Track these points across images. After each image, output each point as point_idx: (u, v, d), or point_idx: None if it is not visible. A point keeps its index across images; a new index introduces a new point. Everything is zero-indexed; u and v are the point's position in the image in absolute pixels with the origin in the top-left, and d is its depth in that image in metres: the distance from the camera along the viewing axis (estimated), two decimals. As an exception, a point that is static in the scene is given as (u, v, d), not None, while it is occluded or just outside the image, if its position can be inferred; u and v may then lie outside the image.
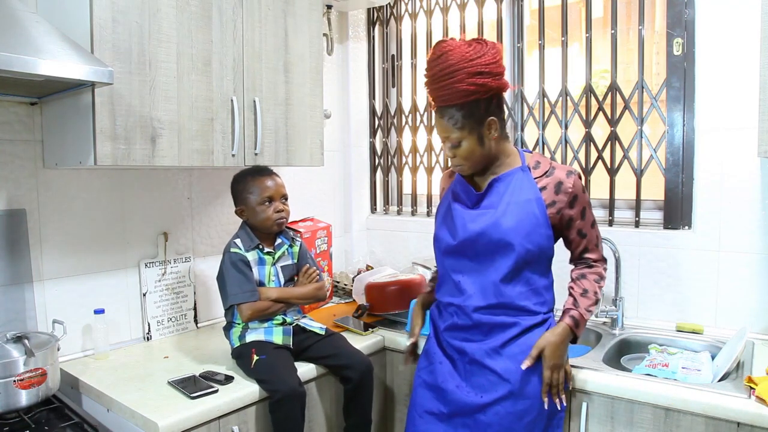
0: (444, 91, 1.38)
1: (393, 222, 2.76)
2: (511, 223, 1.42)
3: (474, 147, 1.42)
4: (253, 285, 1.66)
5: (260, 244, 1.71)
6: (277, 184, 1.72)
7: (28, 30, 1.29)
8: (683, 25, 1.94)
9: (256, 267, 1.70)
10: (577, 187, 1.46)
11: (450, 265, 1.53)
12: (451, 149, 1.44)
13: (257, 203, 1.69)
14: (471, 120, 1.39)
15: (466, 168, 1.47)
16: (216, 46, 1.72)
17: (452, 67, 1.35)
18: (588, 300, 1.47)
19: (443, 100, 1.39)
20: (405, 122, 2.73)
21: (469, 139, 1.41)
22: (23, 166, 1.65)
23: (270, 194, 1.69)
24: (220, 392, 1.49)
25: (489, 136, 1.42)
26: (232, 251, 1.68)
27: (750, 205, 1.85)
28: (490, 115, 1.41)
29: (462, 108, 1.38)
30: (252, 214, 1.70)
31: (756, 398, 1.35)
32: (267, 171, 1.75)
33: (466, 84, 1.35)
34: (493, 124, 1.41)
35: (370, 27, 2.82)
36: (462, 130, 1.40)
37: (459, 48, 1.37)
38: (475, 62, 1.35)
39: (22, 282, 1.65)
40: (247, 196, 1.70)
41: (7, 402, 1.34)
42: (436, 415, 1.49)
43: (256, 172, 1.73)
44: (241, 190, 1.72)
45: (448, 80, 1.36)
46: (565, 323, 1.44)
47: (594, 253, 1.54)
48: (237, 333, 1.69)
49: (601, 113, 2.13)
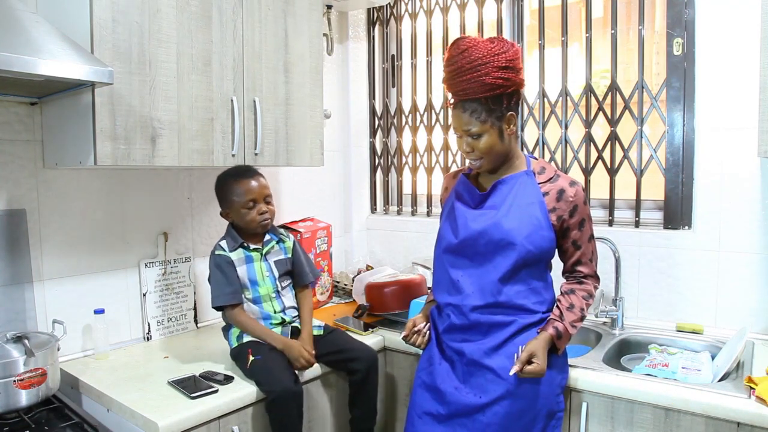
0: (469, 84, 1.40)
1: (393, 222, 2.76)
2: (513, 224, 1.43)
3: (495, 141, 1.44)
4: (235, 287, 1.66)
5: (245, 242, 1.70)
6: (260, 185, 1.70)
7: (28, 30, 1.29)
8: (683, 25, 1.94)
9: (244, 265, 1.69)
10: (578, 198, 1.46)
11: (450, 263, 1.53)
12: (470, 144, 1.45)
13: (241, 206, 1.67)
14: (493, 114, 1.42)
15: (485, 163, 1.48)
16: (216, 46, 1.72)
17: (478, 60, 1.38)
18: (573, 315, 1.47)
19: (466, 94, 1.41)
20: (405, 122, 2.73)
21: (490, 132, 1.43)
22: (23, 166, 1.65)
23: (253, 196, 1.68)
24: (220, 392, 1.49)
25: (508, 131, 1.45)
26: (216, 253, 1.69)
27: (750, 205, 1.85)
28: (510, 110, 1.44)
29: (486, 102, 1.40)
30: (237, 216, 1.70)
31: (756, 398, 1.35)
32: (249, 172, 1.72)
33: (493, 78, 1.38)
34: (513, 118, 1.45)
35: (370, 27, 2.82)
36: (484, 124, 1.42)
37: (483, 43, 1.40)
38: (500, 57, 1.38)
39: (22, 282, 1.65)
40: (231, 199, 1.69)
41: (7, 402, 1.34)
42: (434, 416, 1.49)
43: (238, 173, 1.71)
44: (225, 192, 1.71)
45: (473, 74, 1.38)
46: (548, 333, 1.43)
47: (586, 267, 1.53)
48: (235, 333, 1.69)
49: (601, 113, 2.13)
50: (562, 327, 1.44)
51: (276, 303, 1.72)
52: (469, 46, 1.40)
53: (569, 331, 1.45)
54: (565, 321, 1.45)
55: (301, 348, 1.62)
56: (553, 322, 1.45)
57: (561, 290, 1.53)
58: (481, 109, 1.41)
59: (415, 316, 1.66)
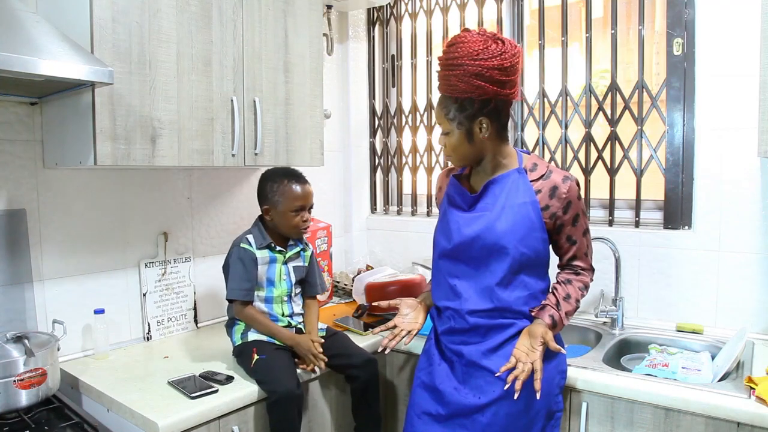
0: (444, 81, 1.39)
1: (393, 222, 2.76)
2: (506, 227, 1.41)
3: (461, 141, 1.42)
4: (252, 284, 1.66)
5: (272, 243, 1.71)
6: (309, 193, 1.71)
7: (28, 30, 1.29)
8: (683, 25, 1.94)
9: (266, 265, 1.70)
10: (572, 194, 1.43)
11: (446, 268, 1.52)
12: (441, 139, 1.47)
13: (288, 209, 1.68)
14: (462, 115, 1.39)
15: (453, 160, 1.48)
16: (216, 46, 1.72)
17: (456, 60, 1.34)
18: (569, 305, 1.46)
19: (443, 88, 1.41)
20: (405, 122, 2.73)
21: (455, 132, 1.42)
22: (23, 166, 1.65)
23: (303, 203, 1.69)
24: (220, 392, 1.49)
25: (479, 135, 1.41)
26: (241, 246, 1.68)
27: (750, 205, 1.85)
28: (483, 116, 1.38)
29: (456, 101, 1.38)
30: (279, 217, 1.69)
31: (756, 398, 1.35)
32: (303, 178, 1.73)
33: (463, 82, 1.34)
34: (485, 123, 1.39)
35: (370, 27, 2.82)
36: (452, 122, 1.41)
37: (471, 43, 1.33)
38: (478, 62, 1.31)
39: (22, 282, 1.65)
40: (278, 199, 1.68)
41: (7, 402, 1.34)
42: (433, 416, 1.49)
43: (293, 176, 1.71)
44: (273, 191, 1.69)
45: (449, 71, 1.36)
46: (544, 321, 1.41)
47: (583, 261, 1.52)
48: (239, 331, 1.69)
49: (601, 113, 2.13)
50: (558, 316, 1.42)
51: (286, 306, 1.73)
52: (457, 42, 1.36)
53: (564, 321, 1.44)
54: (561, 310, 1.43)
55: (309, 342, 1.62)
56: (549, 310, 1.43)
57: (557, 279, 1.52)
58: (451, 106, 1.39)
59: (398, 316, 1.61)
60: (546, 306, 1.44)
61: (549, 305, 1.44)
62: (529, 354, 1.37)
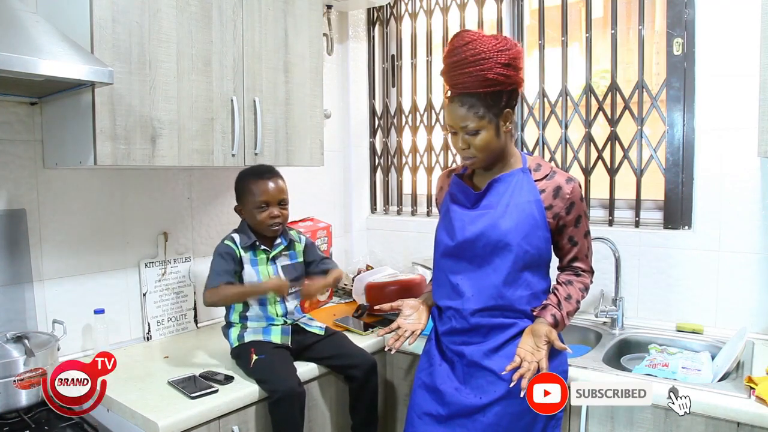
0: (469, 78, 1.37)
1: (393, 222, 2.76)
2: (510, 225, 1.42)
3: (491, 138, 1.41)
4: (229, 277, 1.64)
5: (257, 242, 1.70)
6: (277, 187, 1.69)
7: (28, 30, 1.29)
8: (683, 25, 1.94)
9: (249, 265, 1.69)
10: (575, 195, 1.45)
11: (448, 267, 1.52)
12: (466, 140, 1.42)
13: (253, 206, 1.68)
14: (491, 110, 1.39)
15: (479, 161, 1.46)
16: (216, 46, 1.72)
17: (481, 54, 1.35)
18: (570, 306, 1.46)
19: (465, 87, 1.38)
20: (405, 122, 2.73)
21: (487, 129, 1.40)
22: (23, 166, 1.65)
23: (266, 199, 1.67)
24: (220, 392, 1.49)
25: (504, 129, 1.43)
26: (224, 242, 1.69)
27: (750, 205, 1.85)
28: (508, 108, 1.42)
29: (484, 97, 1.38)
30: (248, 215, 1.71)
31: (756, 398, 1.35)
32: (269, 173, 1.71)
33: (495, 73, 1.35)
34: (510, 116, 1.42)
35: (370, 27, 2.82)
36: (482, 120, 1.39)
37: (487, 38, 1.37)
38: (504, 53, 1.36)
39: (22, 282, 1.64)
40: (246, 197, 1.69)
41: (7, 402, 1.34)
42: (434, 416, 1.49)
43: (257, 173, 1.71)
44: (241, 189, 1.72)
45: (475, 67, 1.35)
46: (546, 321, 1.42)
47: (583, 262, 1.52)
48: (236, 333, 1.69)
49: (601, 113, 2.13)
50: (560, 316, 1.43)
51: (279, 307, 1.72)
52: (473, 39, 1.37)
53: (565, 321, 1.44)
54: (563, 310, 1.44)
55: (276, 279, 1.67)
56: (551, 309, 1.43)
57: (558, 280, 1.52)
58: (480, 104, 1.38)
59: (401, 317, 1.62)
60: (548, 305, 1.45)
61: (551, 305, 1.45)
62: (534, 353, 1.37)
